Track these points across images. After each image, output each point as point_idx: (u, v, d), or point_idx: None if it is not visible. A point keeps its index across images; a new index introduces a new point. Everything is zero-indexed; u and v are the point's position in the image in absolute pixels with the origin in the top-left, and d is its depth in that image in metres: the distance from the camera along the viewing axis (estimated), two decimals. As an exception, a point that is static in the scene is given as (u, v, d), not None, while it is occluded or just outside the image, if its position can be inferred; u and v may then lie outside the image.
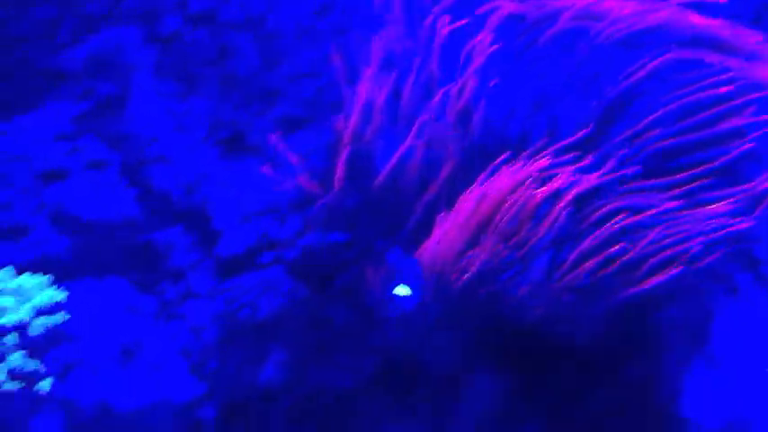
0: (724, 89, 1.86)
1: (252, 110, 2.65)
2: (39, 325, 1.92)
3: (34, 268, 2.07)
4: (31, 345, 1.94)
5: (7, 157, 2.42)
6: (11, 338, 1.88)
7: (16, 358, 1.87)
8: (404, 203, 1.99)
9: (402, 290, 1.62)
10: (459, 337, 1.95)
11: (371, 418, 2.22)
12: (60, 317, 1.96)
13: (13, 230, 2.34)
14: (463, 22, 1.91)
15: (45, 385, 1.93)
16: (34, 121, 2.49)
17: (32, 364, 1.90)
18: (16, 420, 1.97)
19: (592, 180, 1.75)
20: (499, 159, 1.81)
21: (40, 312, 1.94)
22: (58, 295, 1.96)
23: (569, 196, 1.73)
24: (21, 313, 1.89)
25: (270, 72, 2.69)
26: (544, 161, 1.73)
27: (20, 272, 2.00)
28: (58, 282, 2.03)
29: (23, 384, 1.90)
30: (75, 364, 2.08)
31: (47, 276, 2.03)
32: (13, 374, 1.87)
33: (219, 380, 2.21)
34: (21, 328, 1.90)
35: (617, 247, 1.70)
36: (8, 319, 1.87)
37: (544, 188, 1.69)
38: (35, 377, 1.93)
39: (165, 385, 2.16)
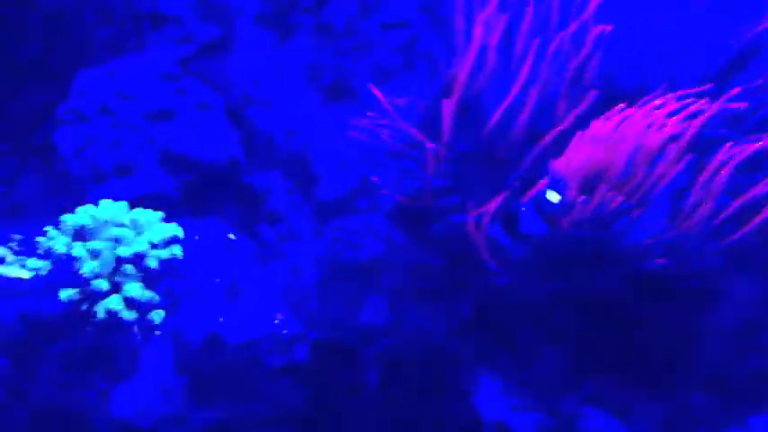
0: None
1: (351, 57, 2.65)
2: (155, 257, 1.98)
3: (142, 205, 2.13)
4: (146, 276, 2.01)
5: (115, 96, 2.48)
6: (129, 269, 1.95)
7: (133, 288, 1.94)
8: (514, 151, 1.98)
9: (553, 195, 1.59)
10: (565, 285, 1.95)
11: (465, 364, 2.23)
12: (176, 251, 2.02)
13: (121, 168, 2.41)
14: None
15: (158, 316, 2.00)
16: (141, 62, 2.54)
17: (147, 295, 1.97)
18: (129, 349, 2.05)
19: (711, 128, 1.71)
20: (616, 108, 1.77)
21: (156, 246, 1.99)
22: (175, 230, 2.01)
23: (685, 143, 1.69)
24: (139, 245, 1.95)
25: (368, 20, 2.69)
26: (663, 108, 1.69)
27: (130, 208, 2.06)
28: (166, 219, 2.09)
29: (138, 314, 1.97)
30: (184, 298, 2.15)
31: (159, 212, 2.09)
32: (129, 304, 1.95)
33: (319, 320, 2.25)
34: (138, 259, 1.97)
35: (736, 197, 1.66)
36: (127, 250, 1.94)
37: (663, 133, 1.66)
38: (149, 308, 2.00)
39: (267, 322, 2.21)
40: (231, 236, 2.35)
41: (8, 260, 2.08)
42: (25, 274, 2.03)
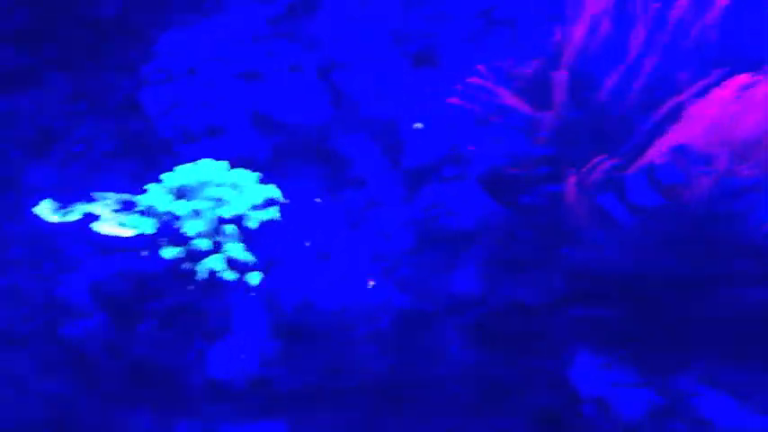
0: None
1: (437, 22, 2.60)
2: (255, 219, 1.96)
3: (233, 166, 2.12)
4: (244, 237, 2.00)
5: (206, 57, 2.46)
6: (230, 229, 1.94)
7: (234, 249, 1.93)
8: (626, 120, 1.92)
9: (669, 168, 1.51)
10: (677, 262, 1.90)
11: (559, 337, 2.20)
12: (274, 213, 2.00)
13: (210, 129, 2.40)
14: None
15: (255, 278, 1.99)
16: (231, 23, 2.51)
17: (247, 256, 1.96)
18: (225, 310, 2.05)
19: None
20: (741, 76, 1.70)
21: (256, 207, 1.98)
22: (273, 192, 2.00)
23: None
24: (240, 206, 1.94)
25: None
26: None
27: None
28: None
29: (238, 275, 1.96)
30: (277, 260, 2.14)
31: (257, 173, 2.07)
32: (230, 264, 1.94)
33: (409, 287, 2.23)
34: (239, 220, 1.95)
35: None
36: (228, 211, 1.92)
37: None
38: (247, 269, 1.99)
39: (359, 289, 2.20)
40: (318, 200, 2.33)
41: (106, 218, 2.08)
42: (123, 232, 2.03)
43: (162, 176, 1.95)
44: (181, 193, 1.92)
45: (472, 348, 2.26)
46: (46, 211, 2.07)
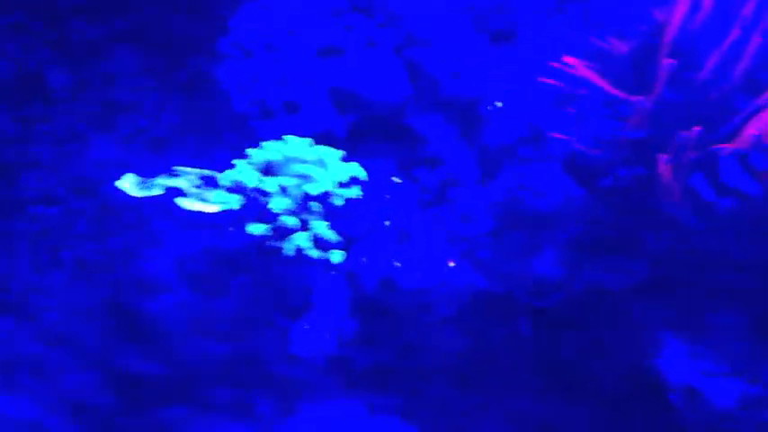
0: None
1: (516, -1, 2.54)
2: (340, 196, 1.94)
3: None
4: (329, 216, 1.98)
5: (282, 32, 2.43)
6: (316, 207, 1.92)
7: (320, 226, 1.92)
8: (727, 102, 1.86)
9: None
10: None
11: (644, 324, 2.16)
12: (358, 191, 1.98)
13: (288, 105, 2.38)
14: None
15: (338, 256, 1.97)
16: (307, -4, 2.48)
17: (332, 234, 1.94)
18: (308, 288, 2.04)
19: None
20: None
21: (341, 185, 1.96)
22: (357, 170, 1.97)
23: None
24: (326, 183, 1.92)
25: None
26: None
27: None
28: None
29: (322, 254, 1.95)
30: (358, 239, 2.12)
31: (340, 151, 2.05)
32: (316, 243, 1.92)
33: (490, 269, 2.20)
34: (325, 197, 1.94)
35: None
36: (315, 188, 1.91)
37: None
38: (331, 247, 1.97)
39: (439, 269, 2.17)
40: (395, 179, 2.31)
41: (189, 193, 2.07)
42: (207, 208, 2.02)
43: (248, 152, 1.93)
44: (267, 170, 1.91)
45: (550, 333, 2.23)
46: (129, 185, 2.07)
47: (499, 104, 2.12)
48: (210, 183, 2.10)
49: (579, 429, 2.25)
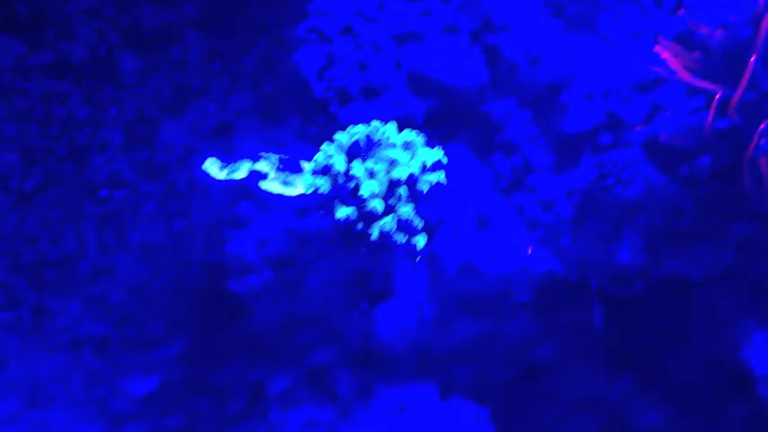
0: None
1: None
2: (426, 181, 1.94)
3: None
4: (413, 200, 1.98)
5: (358, 16, 2.43)
6: (402, 191, 1.93)
7: (407, 211, 1.92)
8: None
9: None
10: None
11: (724, 314, 2.13)
12: (441, 176, 1.98)
13: (366, 90, 2.38)
14: None
15: (422, 240, 1.97)
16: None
17: (417, 219, 1.95)
18: (390, 272, 2.04)
19: None
20: None
21: (426, 170, 1.96)
22: (440, 155, 1.97)
23: None
24: (413, 168, 1.92)
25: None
26: None
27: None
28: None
29: (407, 237, 1.95)
30: (439, 223, 2.12)
31: (422, 136, 2.05)
32: (401, 226, 1.93)
33: (570, 257, 2.19)
34: (411, 182, 1.94)
35: None
36: (402, 172, 1.91)
37: None
38: (415, 232, 1.97)
39: (518, 256, 2.17)
40: (473, 165, 2.30)
41: (271, 176, 2.09)
42: (289, 191, 2.04)
43: (336, 136, 1.94)
44: (353, 154, 1.92)
45: (629, 323, 2.22)
46: (213, 168, 2.09)
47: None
48: (291, 167, 2.12)
49: (655, 420, 2.23)
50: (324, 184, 1.88)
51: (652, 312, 2.15)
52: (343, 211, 1.88)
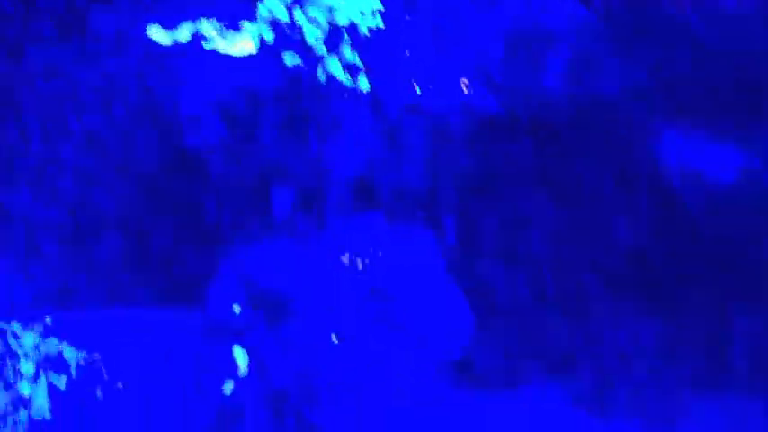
0: None
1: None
2: (365, 26, 2.07)
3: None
4: (354, 44, 2.11)
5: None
6: (344, 36, 2.05)
7: (348, 54, 2.05)
8: None
9: None
10: None
11: (640, 125, 2.35)
12: (379, 21, 2.10)
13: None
14: None
15: (364, 82, 2.12)
16: None
17: (358, 61, 2.08)
18: (335, 113, 2.18)
19: None
20: None
21: (364, 15, 2.08)
22: (377, 3, 2.09)
23: None
24: (351, 13, 2.04)
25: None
26: None
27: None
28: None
29: (349, 78, 2.09)
30: (380, 66, 2.25)
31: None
32: (344, 69, 2.06)
33: (502, 88, 2.35)
34: (351, 27, 2.06)
35: None
36: (342, 18, 2.03)
37: None
38: (357, 74, 2.11)
39: (456, 93, 2.32)
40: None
41: (215, 36, 2.17)
42: (240, 46, 2.13)
43: (275, -12, 2.03)
44: (295, 3, 2.02)
45: (556, 149, 2.42)
46: (157, 34, 2.16)
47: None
48: (233, 26, 2.20)
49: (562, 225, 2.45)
50: (269, 35, 1.99)
51: (576, 137, 2.35)
52: (291, 59, 2.00)
